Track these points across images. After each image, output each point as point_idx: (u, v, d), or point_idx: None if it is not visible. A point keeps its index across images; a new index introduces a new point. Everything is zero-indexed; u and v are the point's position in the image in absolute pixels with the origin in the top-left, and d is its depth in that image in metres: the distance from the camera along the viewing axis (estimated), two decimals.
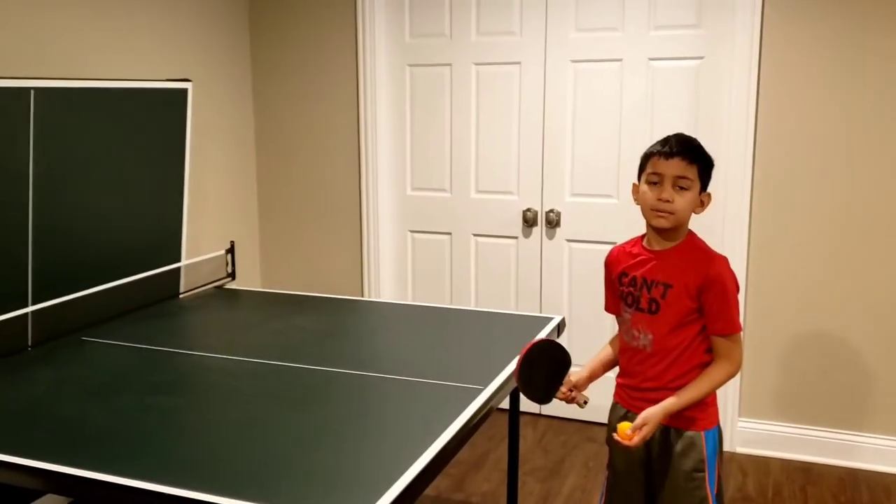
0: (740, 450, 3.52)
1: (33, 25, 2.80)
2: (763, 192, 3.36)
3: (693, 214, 1.95)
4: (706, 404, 2.00)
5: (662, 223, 1.93)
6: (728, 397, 3.50)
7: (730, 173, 3.37)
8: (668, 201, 1.90)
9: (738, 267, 3.40)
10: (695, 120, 3.45)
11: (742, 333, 1.99)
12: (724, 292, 1.92)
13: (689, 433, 2.00)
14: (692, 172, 1.89)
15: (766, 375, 3.47)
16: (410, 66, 3.89)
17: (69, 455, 1.80)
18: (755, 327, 3.45)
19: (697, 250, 1.98)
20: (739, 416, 3.52)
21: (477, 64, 3.77)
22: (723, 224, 3.43)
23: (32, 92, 2.53)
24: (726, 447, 3.53)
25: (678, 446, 2.01)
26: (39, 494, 2.61)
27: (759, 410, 3.50)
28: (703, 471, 2.00)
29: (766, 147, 3.33)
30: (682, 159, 1.89)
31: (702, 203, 1.95)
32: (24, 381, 2.31)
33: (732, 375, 1.96)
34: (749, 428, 3.51)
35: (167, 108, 3.16)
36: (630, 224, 3.62)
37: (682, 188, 1.90)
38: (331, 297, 3.29)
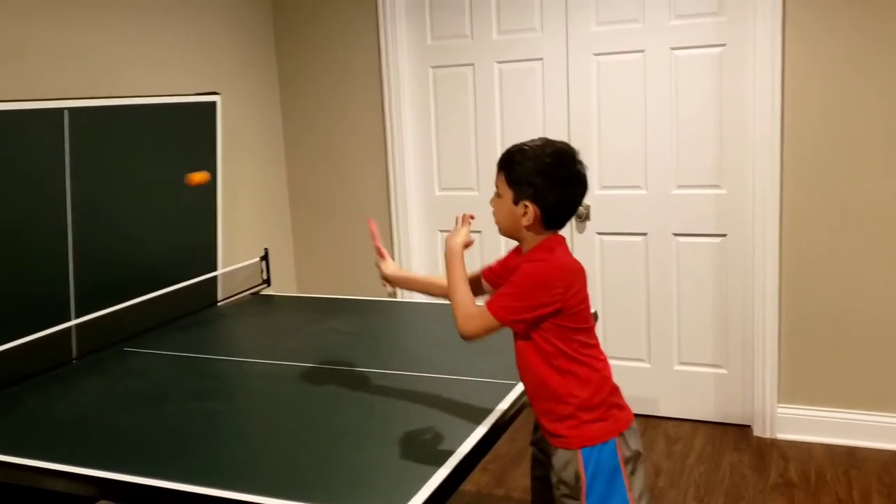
0: (781, 436, 3.50)
1: (65, 46, 2.88)
2: (793, 178, 3.34)
3: (525, 227, 1.81)
4: (577, 420, 1.80)
5: (499, 230, 1.88)
6: (766, 383, 3.48)
7: (758, 160, 3.35)
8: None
9: (771, 256, 3.38)
10: (719, 107, 3.44)
11: (493, 322, 1.76)
12: (514, 279, 1.78)
13: (559, 451, 1.83)
14: (500, 181, 1.86)
15: (805, 360, 3.44)
16: (433, 67, 3.92)
17: (119, 462, 1.86)
18: (792, 311, 3.42)
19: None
20: (779, 402, 3.50)
21: (499, 62, 3.79)
22: (752, 214, 3.41)
23: (66, 112, 2.60)
24: (765, 434, 3.51)
25: (554, 464, 1.85)
26: (92, 501, 2.68)
27: (799, 395, 3.48)
28: (577, 498, 1.81)
29: (795, 131, 3.30)
30: (497, 169, 1.88)
31: (524, 213, 1.79)
32: (71, 392, 2.38)
33: (457, 319, 1.81)
34: (789, 413, 3.49)
35: (197, 121, 3.23)
36: (659, 214, 3.62)
37: (498, 196, 1.86)
38: (364, 300, 3.33)
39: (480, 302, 1.84)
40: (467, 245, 1.92)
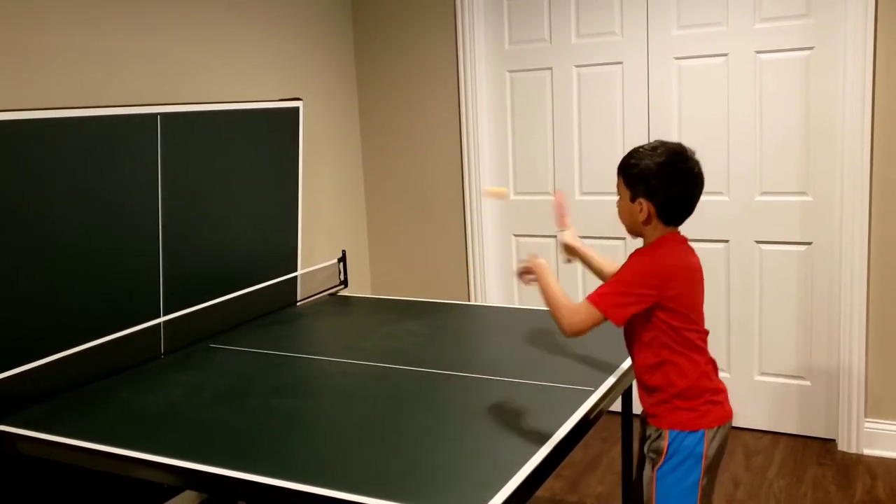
0: (867, 451, 3.38)
1: (157, 56, 3.00)
2: (883, 187, 3.22)
3: (642, 223, 1.95)
4: (672, 405, 1.94)
5: (625, 230, 2.02)
6: (852, 396, 3.37)
7: (846, 167, 3.25)
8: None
9: (859, 264, 3.27)
10: (806, 112, 3.35)
11: (596, 314, 1.89)
12: (617, 274, 1.94)
13: (652, 427, 1.98)
14: (619, 182, 1.99)
15: (893, 373, 3.31)
16: (510, 72, 3.93)
17: (204, 453, 1.93)
18: (880, 322, 3.30)
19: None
20: (866, 416, 3.38)
21: (578, 66, 3.77)
22: (840, 221, 3.30)
23: (159, 117, 2.71)
24: (851, 449, 3.40)
25: (647, 433, 2.01)
26: (178, 490, 2.79)
27: (888, 410, 3.35)
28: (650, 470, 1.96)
29: (886, 137, 3.19)
30: (617, 173, 2.01)
31: (640, 210, 1.93)
32: (159, 386, 2.48)
33: (560, 318, 1.94)
34: (877, 429, 3.36)
35: (281, 126, 3.32)
36: (742, 221, 3.54)
37: (620, 198, 2.00)
38: (439, 302, 3.36)
39: None
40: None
